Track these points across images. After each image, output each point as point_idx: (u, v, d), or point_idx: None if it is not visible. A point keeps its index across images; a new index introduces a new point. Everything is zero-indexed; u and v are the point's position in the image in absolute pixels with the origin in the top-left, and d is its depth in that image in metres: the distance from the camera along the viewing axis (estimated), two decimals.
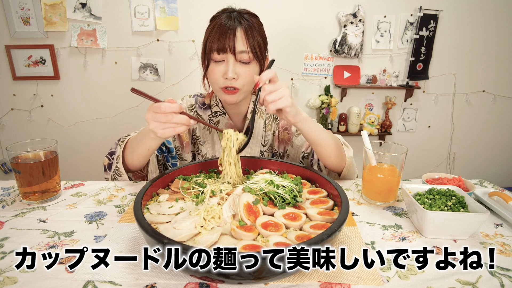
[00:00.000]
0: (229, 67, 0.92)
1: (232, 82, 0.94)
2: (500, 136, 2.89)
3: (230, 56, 0.92)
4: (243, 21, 0.93)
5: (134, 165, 0.92)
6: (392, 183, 0.81)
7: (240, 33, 0.92)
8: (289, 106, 0.78)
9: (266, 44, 1.01)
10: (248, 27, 0.93)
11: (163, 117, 0.71)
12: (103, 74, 2.47)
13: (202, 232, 0.58)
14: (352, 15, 2.42)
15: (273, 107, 0.77)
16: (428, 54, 2.56)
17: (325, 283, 0.53)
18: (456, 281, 0.54)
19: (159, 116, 0.71)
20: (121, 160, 0.90)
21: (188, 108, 1.13)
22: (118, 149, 0.92)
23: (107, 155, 0.95)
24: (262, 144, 1.13)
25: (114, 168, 0.92)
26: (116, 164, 0.91)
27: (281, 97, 0.77)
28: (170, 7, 2.35)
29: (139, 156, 0.88)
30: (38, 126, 2.57)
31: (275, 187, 0.69)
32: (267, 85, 0.78)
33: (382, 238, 0.67)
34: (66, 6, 2.28)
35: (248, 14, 0.97)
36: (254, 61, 0.96)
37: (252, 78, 0.98)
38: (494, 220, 0.75)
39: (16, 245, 0.63)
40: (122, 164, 0.91)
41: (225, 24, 0.92)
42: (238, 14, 0.95)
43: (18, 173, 0.79)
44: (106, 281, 0.53)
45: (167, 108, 0.70)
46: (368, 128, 2.68)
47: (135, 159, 0.89)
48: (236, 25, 0.92)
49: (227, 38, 0.90)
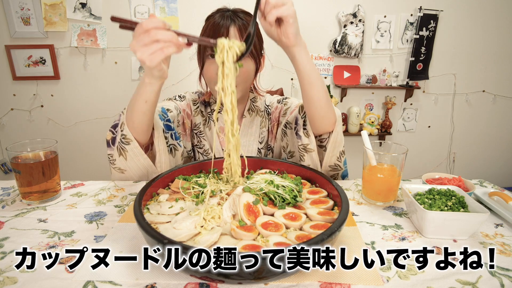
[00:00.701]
0: None
1: None
2: (500, 136, 2.89)
3: None
4: (237, 19, 0.93)
5: (137, 130, 0.85)
6: (392, 183, 0.81)
7: (234, 31, 0.92)
8: (292, 16, 0.71)
9: (261, 42, 1.01)
10: (242, 25, 0.93)
11: (146, 36, 0.63)
12: (103, 74, 2.47)
13: (202, 232, 0.58)
14: (352, 15, 2.42)
15: (276, 13, 0.69)
16: (428, 54, 2.56)
17: (325, 283, 0.53)
18: (456, 281, 0.54)
19: (142, 37, 0.63)
20: (126, 127, 0.84)
21: (192, 102, 1.13)
22: (121, 117, 0.86)
23: (110, 129, 0.88)
24: (259, 142, 1.14)
25: (120, 138, 0.86)
26: (121, 132, 0.85)
27: (285, 4, 0.70)
28: (170, 7, 2.35)
29: (139, 114, 0.81)
30: (38, 126, 2.57)
31: (275, 187, 0.69)
32: None
33: (382, 238, 0.67)
34: (66, 6, 2.28)
35: (243, 12, 0.97)
36: (249, 58, 0.96)
37: (248, 76, 0.98)
38: (494, 220, 0.75)
39: (16, 245, 0.63)
40: (128, 130, 0.84)
41: (219, 23, 0.92)
42: (232, 13, 0.95)
43: (18, 173, 0.79)
44: (106, 281, 0.53)
45: (149, 23, 0.62)
46: (368, 128, 2.68)
47: (135, 120, 0.82)
48: (230, 23, 0.92)
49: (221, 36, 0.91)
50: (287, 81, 2.60)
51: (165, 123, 0.98)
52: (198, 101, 1.14)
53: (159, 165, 0.94)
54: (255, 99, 1.15)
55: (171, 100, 1.11)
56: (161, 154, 0.93)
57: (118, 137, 0.86)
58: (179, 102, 1.10)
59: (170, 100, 1.11)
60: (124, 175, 0.92)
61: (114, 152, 0.88)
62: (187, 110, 1.12)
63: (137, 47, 0.64)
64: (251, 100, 1.13)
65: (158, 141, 0.92)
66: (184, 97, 1.13)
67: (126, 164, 0.89)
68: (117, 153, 0.88)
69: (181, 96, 1.13)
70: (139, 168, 0.91)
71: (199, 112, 1.13)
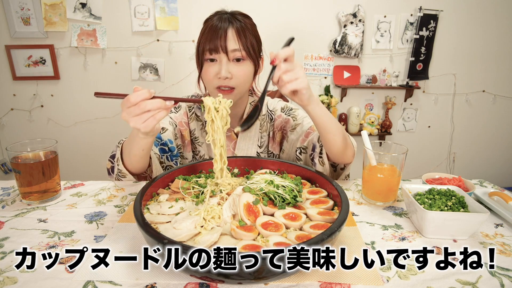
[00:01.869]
0: (222, 66, 0.93)
1: (226, 82, 0.95)
2: (500, 136, 2.89)
3: (223, 56, 0.93)
4: (235, 21, 0.95)
5: (135, 167, 0.90)
6: (392, 183, 0.81)
7: (232, 32, 0.93)
8: (305, 88, 0.75)
9: (260, 44, 1.02)
10: (240, 27, 0.94)
11: (136, 108, 0.67)
12: (103, 74, 2.47)
13: (202, 232, 0.58)
14: (352, 15, 2.42)
15: (291, 87, 0.74)
16: (428, 54, 2.56)
17: (325, 283, 0.53)
18: (456, 281, 0.54)
19: (132, 109, 0.68)
20: (121, 163, 0.88)
21: (187, 108, 1.13)
22: (117, 151, 0.90)
23: (109, 158, 0.93)
24: (258, 146, 1.13)
25: (117, 171, 0.90)
26: (117, 166, 0.89)
27: (298, 78, 0.74)
28: (170, 7, 2.35)
29: (136, 158, 0.85)
30: (38, 126, 2.57)
31: (275, 187, 0.69)
32: (283, 64, 0.74)
33: (382, 238, 0.67)
34: (66, 6, 2.28)
35: (241, 15, 0.98)
36: (248, 60, 0.97)
37: (247, 77, 0.99)
38: (494, 220, 0.75)
39: (16, 245, 0.63)
40: (123, 166, 0.89)
41: (216, 25, 0.93)
42: (230, 16, 0.96)
43: (18, 173, 0.79)
44: (106, 281, 0.53)
45: (136, 97, 0.67)
46: (368, 128, 2.68)
47: (133, 162, 0.87)
48: (227, 25, 0.93)
49: (219, 39, 0.92)
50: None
51: (160, 147, 1.01)
52: (193, 106, 1.13)
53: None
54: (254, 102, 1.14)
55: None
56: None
57: (115, 169, 0.90)
58: (174, 115, 1.10)
59: None
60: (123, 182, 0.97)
61: (113, 180, 0.94)
62: (184, 119, 1.12)
63: (129, 117, 0.69)
64: (250, 104, 1.13)
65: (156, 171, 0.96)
66: (179, 106, 1.13)
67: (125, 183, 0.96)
68: (115, 179, 0.93)
69: (176, 107, 1.13)
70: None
71: (194, 118, 1.13)
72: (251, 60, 0.98)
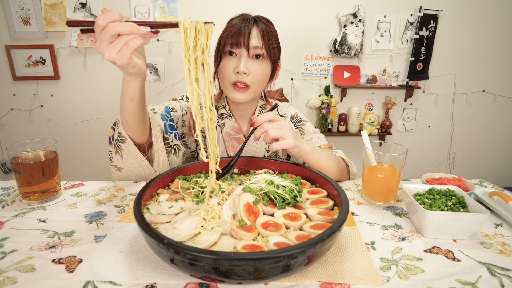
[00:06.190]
0: (241, 61, 0.94)
1: (243, 77, 0.95)
2: (500, 136, 2.89)
3: (243, 51, 0.94)
4: (260, 23, 0.97)
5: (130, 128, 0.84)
6: (392, 183, 0.81)
7: (256, 31, 0.95)
8: (292, 147, 0.81)
9: (279, 51, 1.04)
10: (265, 29, 0.97)
11: (105, 32, 0.59)
12: (103, 74, 2.47)
13: (202, 232, 0.58)
14: (352, 15, 2.42)
15: (277, 147, 0.80)
16: (428, 54, 2.57)
17: (325, 283, 0.53)
18: (456, 281, 0.54)
19: (102, 35, 0.60)
20: (121, 125, 0.84)
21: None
22: (119, 116, 0.86)
23: (112, 125, 0.88)
24: (266, 150, 1.13)
25: (116, 135, 0.86)
26: (117, 130, 0.85)
27: (285, 139, 0.80)
28: (170, 7, 2.35)
29: (129, 113, 0.79)
30: (38, 126, 2.57)
31: (275, 187, 0.69)
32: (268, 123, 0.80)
33: (382, 238, 0.67)
34: (66, 6, 2.28)
35: (265, 19, 1.00)
36: (267, 59, 0.98)
37: (263, 76, 0.99)
38: (494, 220, 0.75)
39: (16, 245, 0.63)
40: (123, 129, 0.84)
41: (241, 23, 0.95)
42: (255, 18, 0.98)
43: (18, 173, 0.79)
44: (106, 281, 0.53)
45: (104, 18, 0.59)
46: (368, 128, 2.68)
47: (127, 119, 0.81)
48: (253, 25, 0.95)
49: (242, 35, 0.93)
50: (287, 81, 2.60)
51: (168, 123, 0.98)
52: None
53: (157, 164, 0.93)
54: (265, 106, 1.15)
55: (176, 100, 1.10)
56: (159, 153, 0.92)
57: (115, 135, 0.87)
58: (185, 103, 1.10)
59: (175, 100, 1.11)
60: (122, 173, 0.93)
61: (112, 149, 0.89)
62: None
63: (102, 48, 0.61)
64: (260, 107, 1.13)
65: (156, 140, 0.91)
66: None
67: (122, 162, 0.90)
68: (114, 150, 0.89)
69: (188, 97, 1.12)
70: (135, 167, 0.91)
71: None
72: (270, 61, 0.99)
